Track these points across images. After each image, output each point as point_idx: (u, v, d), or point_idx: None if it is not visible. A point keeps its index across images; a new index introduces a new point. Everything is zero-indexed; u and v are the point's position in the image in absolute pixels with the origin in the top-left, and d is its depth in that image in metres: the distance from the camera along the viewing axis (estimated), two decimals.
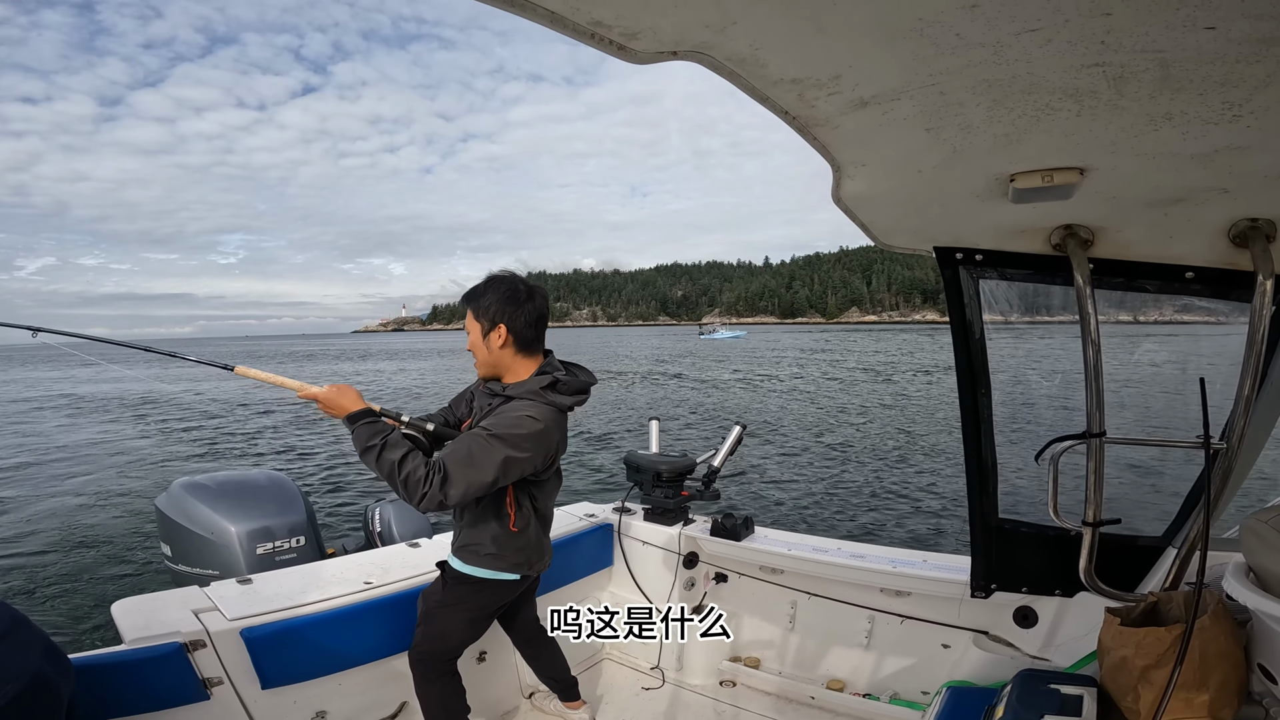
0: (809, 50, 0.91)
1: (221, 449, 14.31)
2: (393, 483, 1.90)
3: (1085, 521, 1.90)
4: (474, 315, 2.11)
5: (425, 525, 3.52)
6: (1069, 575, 2.07)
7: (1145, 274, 1.77)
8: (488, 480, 1.94)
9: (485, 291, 2.10)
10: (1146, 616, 1.83)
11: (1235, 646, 1.62)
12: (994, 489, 2.19)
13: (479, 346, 2.12)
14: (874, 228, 1.81)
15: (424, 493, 1.87)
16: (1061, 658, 2.23)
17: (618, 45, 0.86)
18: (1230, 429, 1.71)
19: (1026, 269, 1.88)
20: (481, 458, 1.93)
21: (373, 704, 2.41)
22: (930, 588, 2.59)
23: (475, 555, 2.19)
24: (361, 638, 2.35)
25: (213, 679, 2.03)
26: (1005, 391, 2.10)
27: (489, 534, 2.17)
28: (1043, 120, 1.11)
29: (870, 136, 1.20)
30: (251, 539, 3.11)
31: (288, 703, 2.20)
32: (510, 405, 2.05)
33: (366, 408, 2.05)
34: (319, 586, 2.37)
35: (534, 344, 2.15)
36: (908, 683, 2.72)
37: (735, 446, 3.35)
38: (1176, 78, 0.93)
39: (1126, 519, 1.94)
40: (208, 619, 2.09)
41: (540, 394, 2.07)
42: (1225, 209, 1.45)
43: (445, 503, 1.90)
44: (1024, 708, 1.76)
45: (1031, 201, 1.42)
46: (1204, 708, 1.57)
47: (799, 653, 2.98)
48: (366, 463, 1.94)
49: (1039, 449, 1.87)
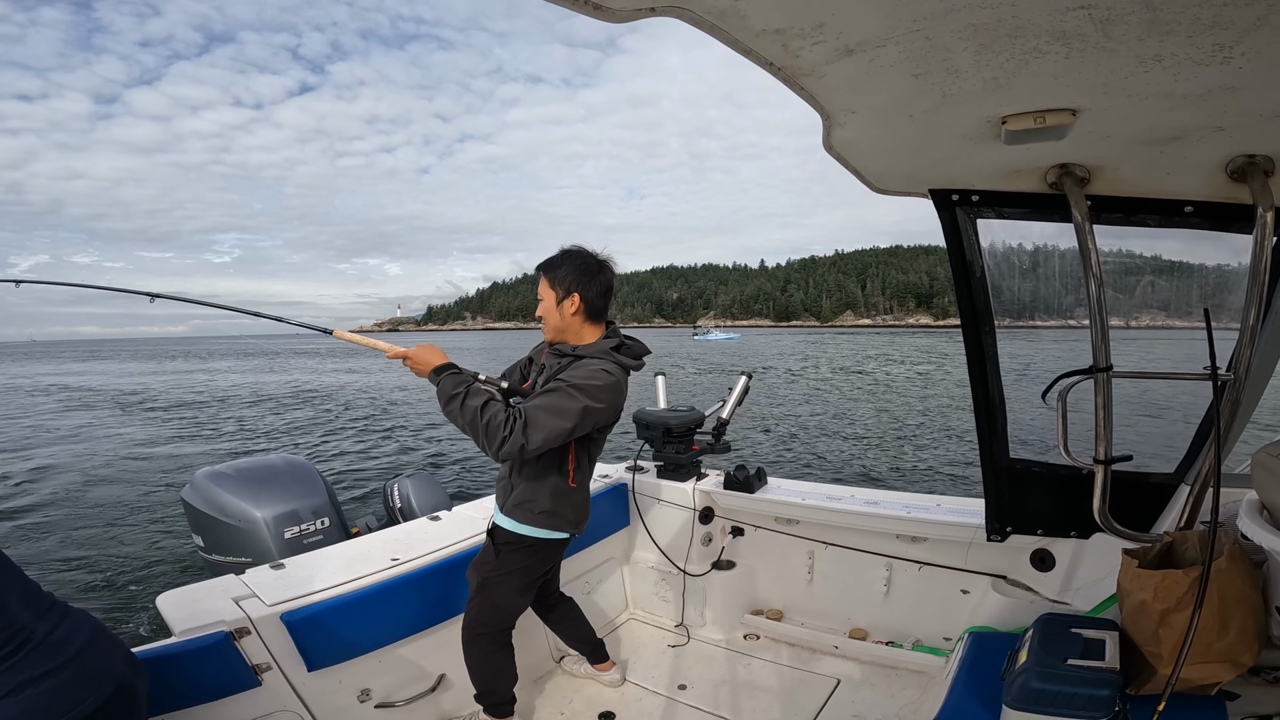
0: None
1: (230, 435, 14.53)
2: (473, 429, 2.00)
3: (1096, 459, 1.90)
4: (549, 283, 2.24)
5: (444, 498, 3.57)
6: (1084, 516, 2.07)
7: (1144, 209, 1.76)
8: (568, 428, 2.05)
9: (562, 263, 2.24)
10: (1163, 557, 1.82)
11: (1253, 589, 1.60)
12: (1003, 428, 2.19)
13: (551, 312, 2.24)
14: (867, 173, 1.80)
15: (504, 436, 1.97)
16: (1081, 601, 2.24)
17: (593, 4, 0.86)
18: (1236, 360, 1.70)
19: (1024, 208, 1.87)
20: (563, 406, 2.05)
21: (412, 678, 2.46)
22: (946, 532, 2.61)
23: (530, 513, 2.26)
24: (395, 614, 2.40)
25: (262, 665, 2.06)
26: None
27: (548, 490, 2.26)
28: (1031, 63, 1.11)
29: (858, 84, 1.20)
30: (279, 523, 3.17)
31: (333, 683, 2.24)
32: (584, 361, 2.18)
33: (450, 362, 2.19)
34: (349, 566, 2.41)
35: (601, 313, 2.29)
36: (929, 629, 2.76)
37: (743, 396, 3.36)
38: (1164, 20, 0.93)
39: (1137, 458, 1.94)
40: (248, 606, 2.12)
41: (610, 353, 2.22)
42: (1222, 145, 1.44)
43: (526, 447, 1.99)
44: (1047, 652, 1.75)
45: (1025, 143, 1.42)
46: (1225, 653, 1.56)
47: (820, 603, 3.02)
48: (449, 411, 2.06)
49: (1046, 386, 1.87)
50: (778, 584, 3.14)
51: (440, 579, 2.49)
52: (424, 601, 2.47)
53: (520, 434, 1.98)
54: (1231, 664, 1.57)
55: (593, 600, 3.14)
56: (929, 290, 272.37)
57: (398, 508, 3.55)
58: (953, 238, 1.96)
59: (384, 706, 2.35)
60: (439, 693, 2.51)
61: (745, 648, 3.03)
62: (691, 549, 3.16)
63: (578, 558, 3.05)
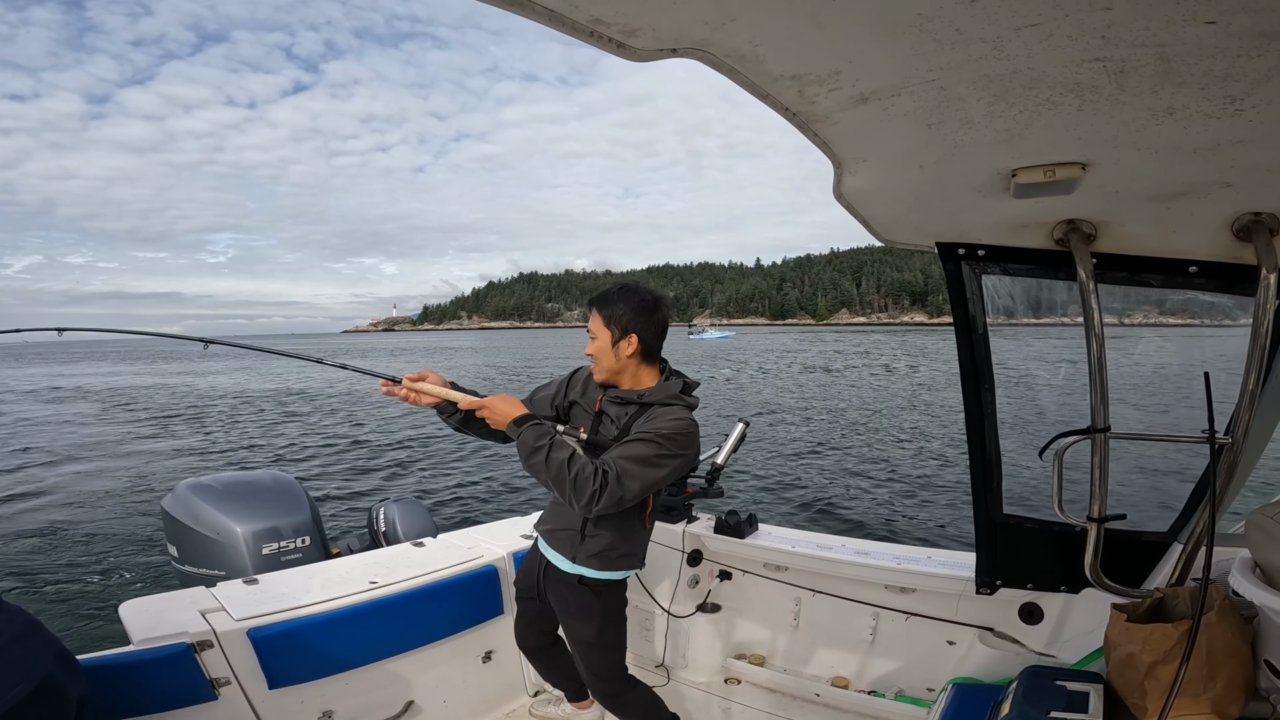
0: (808, 46, 0.91)
1: (222, 448, 14.38)
2: (559, 481, 1.93)
3: (1090, 517, 1.90)
4: (604, 322, 2.13)
5: (430, 525, 3.52)
6: (1074, 571, 2.06)
7: (1149, 268, 1.76)
8: (661, 476, 2.01)
9: (617, 300, 2.13)
10: (1153, 613, 1.82)
11: (1242, 643, 1.62)
12: (998, 485, 2.18)
13: (606, 353, 2.14)
14: (875, 223, 1.80)
15: (594, 490, 1.91)
16: (1068, 654, 2.22)
17: (616, 43, 0.86)
18: (1235, 424, 1.70)
19: (1029, 264, 1.87)
20: (658, 459, 2.00)
21: (379, 703, 2.41)
22: (935, 584, 2.59)
23: (609, 560, 2.20)
24: (367, 638, 2.35)
25: (220, 679, 2.04)
26: (1009, 388, 2.10)
27: (626, 535, 2.21)
28: (1044, 115, 1.11)
29: (871, 132, 1.20)
30: (257, 539, 3.11)
31: (295, 702, 2.21)
32: (662, 411, 2.10)
33: (529, 413, 2.08)
34: (325, 586, 2.37)
35: (657, 353, 2.21)
36: (913, 679, 2.72)
37: (738, 444, 3.34)
38: (1178, 72, 0.93)
39: (1131, 515, 1.94)
40: (215, 619, 2.10)
41: (680, 398, 2.15)
42: (1228, 203, 1.44)
43: (625, 499, 1.94)
44: (1030, 704, 1.75)
45: (1034, 196, 1.42)
46: (1211, 704, 1.57)
47: (803, 649, 2.98)
48: (532, 464, 1.98)
49: (1043, 445, 1.86)
50: (763, 629, 3.10)
51: (418, 605, 2.45)
52: (399, 627, 2.43)
53: (616, 486, 1.93)
54: (1217, 715, 1.58)
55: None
56: (924, 288, 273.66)
57: (382, 531, 3.50)
58: (956, 292, 1.97)
59: None
60: (405, 719, 2.45)
61: (725, 691, 2.98)
62: (678, 590, 3.12)
63: None
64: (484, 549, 2.85)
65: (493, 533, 3.10)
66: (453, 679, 2.62)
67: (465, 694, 2.66)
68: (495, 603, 2.75)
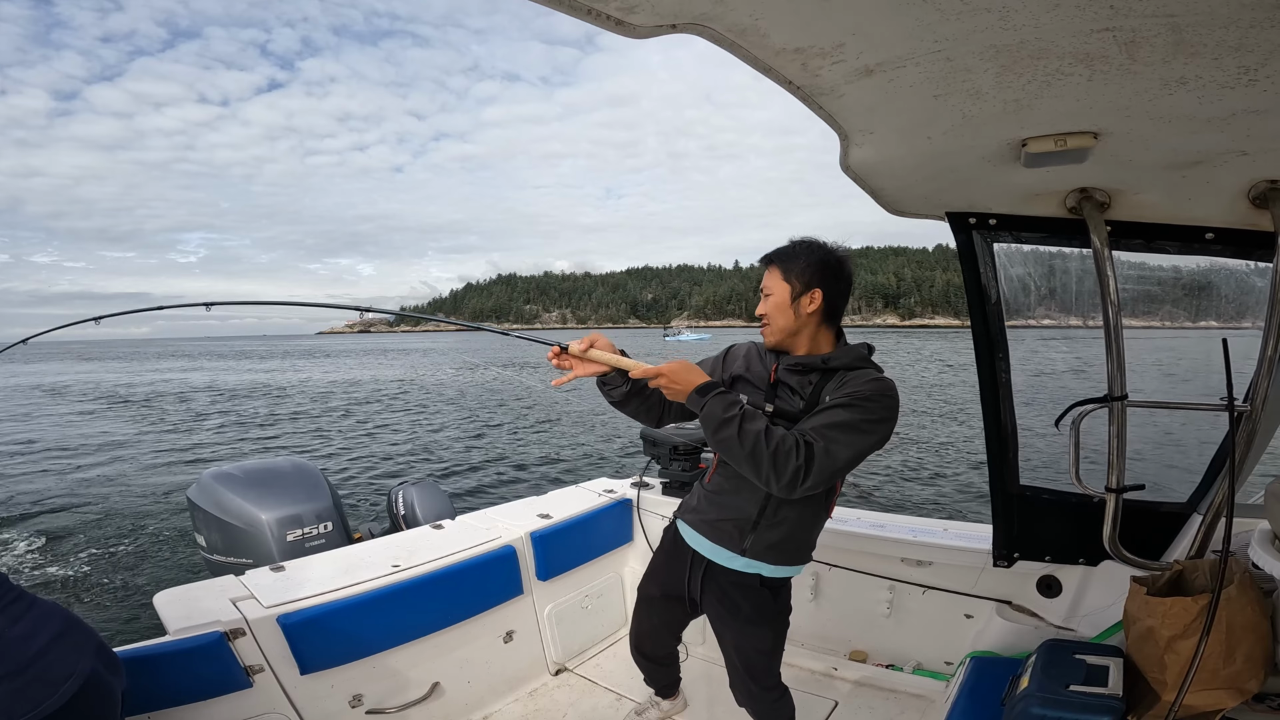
0: (811, 19, 0.91)
1: (237, 437, 14.60)
2: (755, 456, 1.67)
3: (1108, 488, 1.89)
4: (783, 275, 1.86)
5: (448, 507, 3.57)
6: (1093, 543, 2.05)
7: (1164, 235, 1.74)
8: (871, 445, 1.75)
9: (800, 253, 1.87)
10: (1172, 586, 1.80)
11: (1262, 617, 1.60)
12: (1014, 456, 2.17)
13: (784, 310, 1.86)
14: (883, 195, 1.79)
15: (799, 465, 1.64)
16: (1087, 628, 2.21)
17: (615, 20, 0.86)
18: (1254, 391, 1.68)
19: (1042, 232, 1.85)
20: (865, 424, 1.73)
21: (405, 686, 2.45)
22: (951, 557, 2.58)
23: (788, 553, 1.98)
24: (392, 621, 2.39)
25: (254, 666, 2.07)
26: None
27: (812, 523, 2.00)
28: (1053, 85, 1.09)
29: (877, 104, 1.19)
30: (281, 526, 3.17)
31: (325, 687, 2.24)
32: (854, 375, 1.83)
33: (714, 380, 1.82)
34: (349, 571, 2.41)
35: (839, 316, 1.93)
36: (931, 653, 2.73)
37: None
38: (1189, 42, 0.92)
39: (1150, 486, 1.92)
40: (245, 607, 2.13)
41: (871, 362, 1.89)
42: (1245, 171, 1.42)
43: (836, 471, 1.69)
44: (1049, 678, 1.74)
45: (1045, 165, 1.40)
46: (1231, 679, 1.55)
47: (820, 624, 2.99)
48: (723, 439, 1.71)
49: (1059, 414, 1.85)
50: None
51: (440, 587, 2.48)
52: (422, 609, 2.46)
53: (825, 458, 1.66)
54: (1237, 690, 1.56)
55: (591, 615, 3.11)
56: (896, 290, 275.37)
57: (401, 514, 3.54)
58: (969, 261, 1.94)
59: (375, 713, 2.33)
60: (431, 701, 2.49)
61: None
62: None
63: (579, 573, 3.03)
64: (502, 529, 2.88)
65: (510, 513, 3.12)
66: (475, 660, 2.66)
67: (488, 674, 2.69)
68: (515, 583, 2.78)
